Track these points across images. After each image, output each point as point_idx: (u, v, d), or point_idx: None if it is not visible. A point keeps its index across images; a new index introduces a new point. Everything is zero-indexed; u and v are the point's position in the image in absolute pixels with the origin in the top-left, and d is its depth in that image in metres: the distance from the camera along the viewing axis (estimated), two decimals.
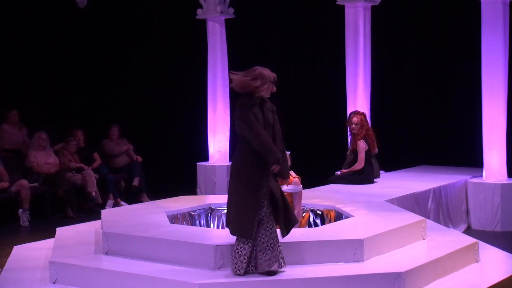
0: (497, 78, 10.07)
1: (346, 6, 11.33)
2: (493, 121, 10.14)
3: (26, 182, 10.79)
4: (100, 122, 13.55)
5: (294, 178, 7.26)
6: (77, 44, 14.58)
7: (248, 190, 5.85)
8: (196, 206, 8.14)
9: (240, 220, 5.85)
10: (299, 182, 7.29)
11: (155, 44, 14.82)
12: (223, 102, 12.54)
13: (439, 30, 12.88)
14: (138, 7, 14.89)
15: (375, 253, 6.41)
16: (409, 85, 13.29)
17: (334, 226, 7.31)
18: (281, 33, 14.28)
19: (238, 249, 5.86)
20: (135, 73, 14.96)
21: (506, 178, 10.25)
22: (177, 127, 14.65)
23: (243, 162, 5.93)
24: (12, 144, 11.87)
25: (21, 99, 13.33)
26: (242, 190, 5.88)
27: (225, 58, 12.56)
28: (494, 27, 10.01)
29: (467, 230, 10.04)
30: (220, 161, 12.51)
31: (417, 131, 13.11)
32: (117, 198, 11.85)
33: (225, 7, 12.42)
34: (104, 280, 6.11)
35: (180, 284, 5.73)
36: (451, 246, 6.82)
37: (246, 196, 5.84)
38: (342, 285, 5.83)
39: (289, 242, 6.23)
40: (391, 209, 7.97)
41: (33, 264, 7.03)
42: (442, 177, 10.56)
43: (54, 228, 8.08)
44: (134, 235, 6.58)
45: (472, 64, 11.20)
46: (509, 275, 6.57)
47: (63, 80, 14.49)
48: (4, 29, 13.41)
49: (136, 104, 14.83)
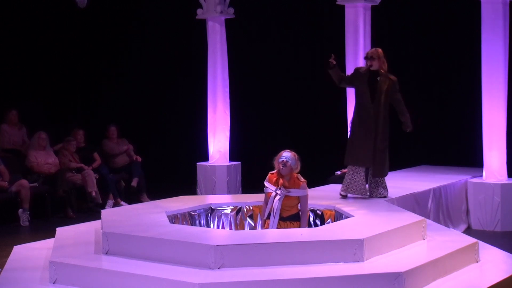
0: (497, 78, 10.08)
1: (346, 6, 11.33)
2: (493, 121, 10.15)
3: (26, 182, 10.80)
4: (100, 122, 13.55)
5: (301, 183, 7.26)
6: (77, 44, 14.58)
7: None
8: (196, 206, 8.14)
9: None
10: (306, 186, 7.31)
11: (155, 44, 14.82)
12: (223, 102, 12.55)
13: (439, 30, 12.88)
14: (138, 7, 14.89)
15: (375, 253, 6.41)
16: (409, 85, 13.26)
17: (334, 226, 7.31)
18: (281, 33, 14.28)
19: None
20: (135, 73, 14.95)
21: (506, 178, 10.26)
22: (177, 127, 14.65)
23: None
24: (11, 144, 11.88)
25: (21, 99, 13.33)
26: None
27: (225, 58, 12.57)
28: (494, 27, 10.02)
29: (467, 230, 10.04)
30: (220, 161, 12.52)
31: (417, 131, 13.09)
32: (117, 198, 11.86)
33: (225, 7, 12.43)
34: (104, 280, 6.10)
35: (180, 284, 5.72)
36: (451, 246, 6.82)
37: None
38: (342, 285, 5.83)
39: (289, 242, 6.24)
40: (391, 209, 7.97)
41: (33, 264, 7.03)
42: (442, 177, 10.56)
43: (54, 228, 8.07)
44: (134, 235, 6.58)
45: (472, 64, 11.20)
46: (509, 275, 6.56)
47: (63, 80, 14.49)
48: (4, 29, 13.41)
49: (136, 104, 14.83)
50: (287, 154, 7.22)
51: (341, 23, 11.47)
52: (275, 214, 7.18)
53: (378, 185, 8.75)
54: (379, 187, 8.75)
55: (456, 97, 12.65)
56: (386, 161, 8.77)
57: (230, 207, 8.29)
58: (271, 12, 14.17)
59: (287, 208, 7.22)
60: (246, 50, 13.90)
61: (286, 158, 7.18)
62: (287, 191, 7.18)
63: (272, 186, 7.27)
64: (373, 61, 8.58)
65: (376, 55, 8.60)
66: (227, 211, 8.26)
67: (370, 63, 8.59)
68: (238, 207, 8.29)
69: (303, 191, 7.25)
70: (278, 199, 7.17)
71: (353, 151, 8.65)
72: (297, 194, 7.23)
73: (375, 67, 8.59)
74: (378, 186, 8.75)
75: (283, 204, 7.19)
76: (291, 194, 7.19)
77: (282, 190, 7.19)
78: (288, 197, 7.19)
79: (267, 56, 14.04)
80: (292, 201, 7.23)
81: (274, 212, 7.18)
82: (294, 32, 14.19)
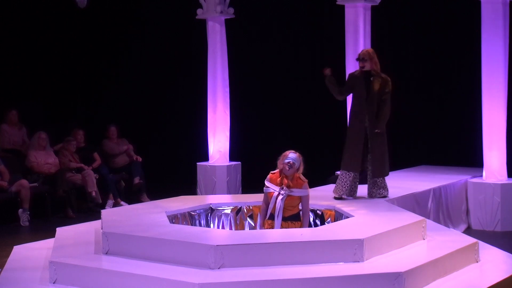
0: (497, 78, 10.08)
1: (346, 6, 11.33)
2: (493, 121, 10.14)
3: (26, 182, 10.79)
4: (100, 122, 13.55)
5: (304, 183, 7.26)
6: (77, 44, 14.58)
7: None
8: (196, 206, 8.14)
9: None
10: (307, 186, 7.31)
11: (155, 44, 14.82)
12: (223, 102, 12.55)
13: (439, 30, 12.88)
14: (138, 7, 14.89)
15: (375, 253, 6.41)
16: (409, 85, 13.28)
17: (334, 226, 7.32)
18: (281, 33, 14.28)
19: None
20: (135, 73, 14.96)
21: (506, 178, 10.26)
22: (177, 127, 14.65)
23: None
24: (11, 144, 11.87)
25: (21, 99, 13.33)
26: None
27: (225, 58, 12.56)
28: (494, 27, 10.02)
29: (467, 230, 10.04)
30: (220, 161, 12.52)
31: (417, 131, 13.12)
32: (117, 198, 11.86)
33: (225, 7, 12.42)
34: (104, 280, 6.10)
35: (180, 284, 5.72)
36: (451, 246, 6.82)
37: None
38: (342, 285, 5.83)
39: (289, 242, 6.24)
40: (391, 209, 7.97)
41: (33, 264, 7.03)
42: (442, 177, 10.56)
43: (54, 228, 8.07)
44: (134, 235, 6.58)
45: (472, 64, 11.20)
46: (509, 275, 6.56)
47: (63, 80, 14.48)
48: (4, 29, 13.41)
49: (136, 104, 14.83)
50: (293, 155, 7.19)
51: (341, 23, 11.47)
52: (279, 215, 7.17)
53: (378, 186, 8.76)
54: (379, 187, 8.76)
55: (456, 97, 12.65)
56: (385, 161, 8.78)
57: (230, 207, 8.29)
58: (271, 12, 14.17)
59: (289, 208, 7.21)
60: (246, 50, 13.90)
61: (292, 159, 7.16)
62: (290, 191, 7.18)
63: (274, 186, 7.25)
64: (365, 62, 8.59)
65: (368, 56, 8.60)
66: (227, 211, 8.26)
67: (363, 64, 8.60)
68: (238, 207, 8.29)
69: (305, 190, 7.25)
70: (281, 199, 7.16)
71: (345, 155, 8.75)
72: (300, 194, 7.23)
73: (368, 68, 8.60)
74: (377, 187, 8.76)
75: (285, 204, 7.18)
76: (294, 194, 7.19)
77: (285, 190, 7.19)
78: (290, 197, 7.18)
79: (267, 56, 14.04)
80: (294, 201, 7.23)
81: (277, 213, 7.17)
82: (294, 32, 14.19)
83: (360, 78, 8.64)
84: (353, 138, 8.70)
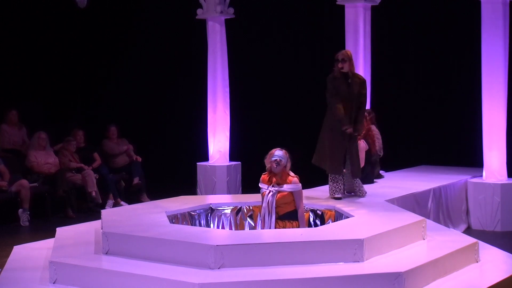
0: (497, 78, 10.08)
1: (346, 6, 11.34)
2: (493, 121, 10.14)
3: (26, 182, 10.79)
4: (100, 122, 13.55)
5: (293, 178, 7.31)
6: (77, 44, 14.58)
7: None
8: (196, 206, 8.14)
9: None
10: (298, 181, 7.33)
11: (155, 44, 14.83)
12: (223, 102, 12.55)
13: (439, 30, 12.89)
14: (138, 7, 14.89)
15: (375, 253, 6.41)
16: (409, 85, 13.29)
17: (334, 226, 7.32)
18: (281, 33, 14.28)
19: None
20: (135, 73, 14.96)
21: (506, 178, 10.26)
22: (177, 127, 14.65)
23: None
24: (11, 144, 11.87)
25: (21, 99, 13.33)
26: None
27: (225, 58, 12.56)
28: (494, 27, 10.02)
29: (467, 230, 10.04)
30: (220, 161, 12.51)
31: (417, 131, 13.12)
32: (117, 198, 11.85)
33: (225, 7, 12.42)
34: (104, 280, 6.10)
35: (180, 284, 5.72)
36: (451, 246, 6.82)
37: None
38: (342, 285, 5.83)
39: (289, 242, 6.24)
40: (391, 209, 7.97)
41: (33, 264, 7.03)
42: (442, 177, 10.56)
43: (54, 228, 8.07)
44: (134, 235, 6.58)
45: (472, 64, 11.21)
46: (509, 275, 6.56)
47: (63, 80, 14.49)
48: (4, 29, 13.41)
49: (136, 104, 14.83)
50: (279, 152, 7.27)
51: (341, 23, 11.47)
52: (271, 211, 7.23)
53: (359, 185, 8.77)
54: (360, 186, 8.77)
55: (456, 97, 12.65)
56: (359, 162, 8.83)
57: (230, 207, 8.29)
58: (271, 12, 14.18)
59: (282, 205, 7.26)
60: (246, 50, 13.91)
61: (278, 156, 7.25)
62: (279, 187, 7.24)
63: (265, 185, 7.37)
64: (345, 63, 8.48)
65: (347, 57, 8.52)
66: (227, 211, 8.26)
67: (342, 65, 8.48)
68: (238, 207, 8.29)
69: (296, 186, 7.29)
70: (272, 195, 7.22)
71: (329, 160, 8.60)
72: (291, 189, 7.27)
73: (346, 69, 8.52)
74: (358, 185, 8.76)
75: (278, 201, 7.25)
76: (284, 190, 7.25)
77: (275, 187, 7.25)
78: (282, 194, 7.25)
79: (267, 56, 14.04)
80: (286, 198, 7.27)
81: (269, 210, 7.23)
82: (294, 32, 14.19)
83: (341, 80, 8.55)
84: (336, 141, 8.55)
